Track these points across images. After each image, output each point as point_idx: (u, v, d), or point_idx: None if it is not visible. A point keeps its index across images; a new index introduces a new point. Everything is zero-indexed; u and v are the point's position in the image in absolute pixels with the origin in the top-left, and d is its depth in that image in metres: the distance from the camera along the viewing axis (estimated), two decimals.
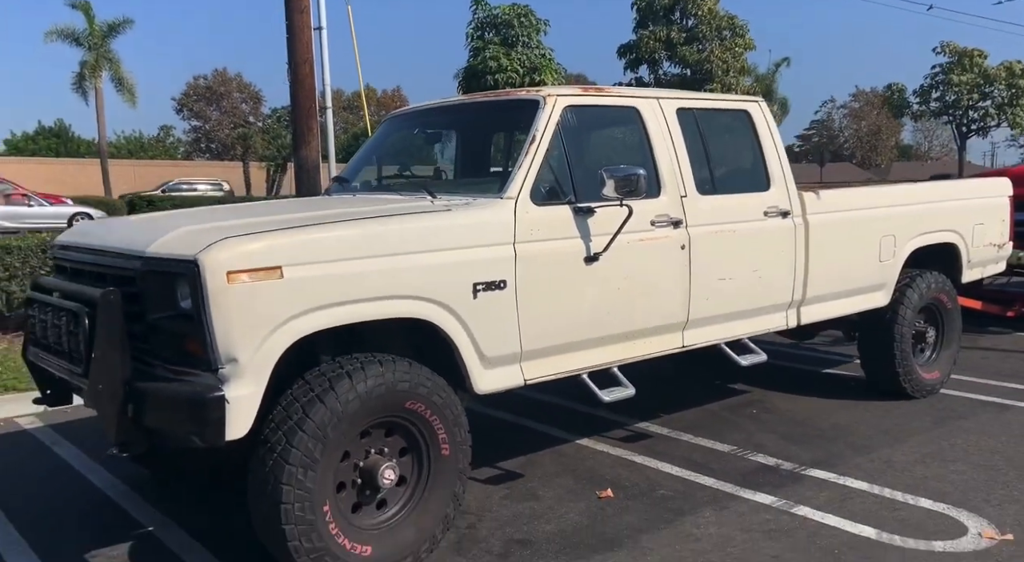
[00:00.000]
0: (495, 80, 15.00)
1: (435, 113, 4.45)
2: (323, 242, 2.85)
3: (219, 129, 50.28)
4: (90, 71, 36.84)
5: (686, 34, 20.55)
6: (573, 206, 3.54)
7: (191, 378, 2.72)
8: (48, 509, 3.79)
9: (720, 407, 5.27)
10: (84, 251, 3.25)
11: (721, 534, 3.37)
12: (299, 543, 2.75)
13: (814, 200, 4.59)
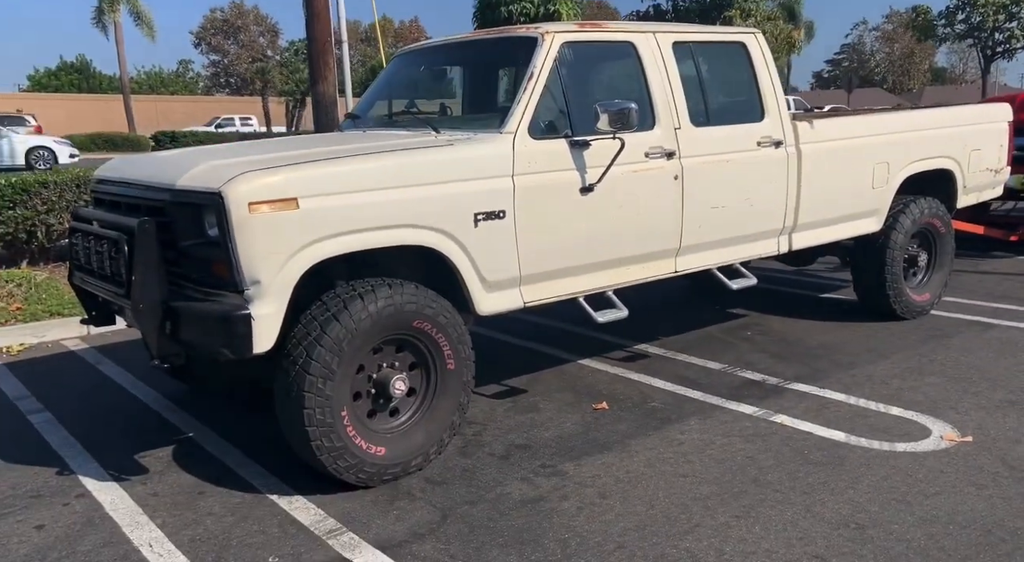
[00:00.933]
0: (509, 11, 14.81)
1: (440, 50, 4.62)
2: (334, 175, 3.12)
3: (237, 63, 49.96)
4: (108, 5, 36.68)
5: None
6: (569, 140, 3.76)
7: (220, 298, 3.06)
8: (97, 417, 4.22)
9: (718, 330, 5.57)
10: (120, 184, 3.56)
11: (703, 439, 3.71)
12: (320, 442, 3.13)
13: (807, 129, 4.74)
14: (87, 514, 3.18)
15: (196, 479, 3.48)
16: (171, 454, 3.76)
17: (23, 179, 6.55)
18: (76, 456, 3.73)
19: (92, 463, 3.65)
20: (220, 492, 3.35)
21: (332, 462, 3.17)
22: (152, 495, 3.34)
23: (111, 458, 3.69)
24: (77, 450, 3.80)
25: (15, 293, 6.23)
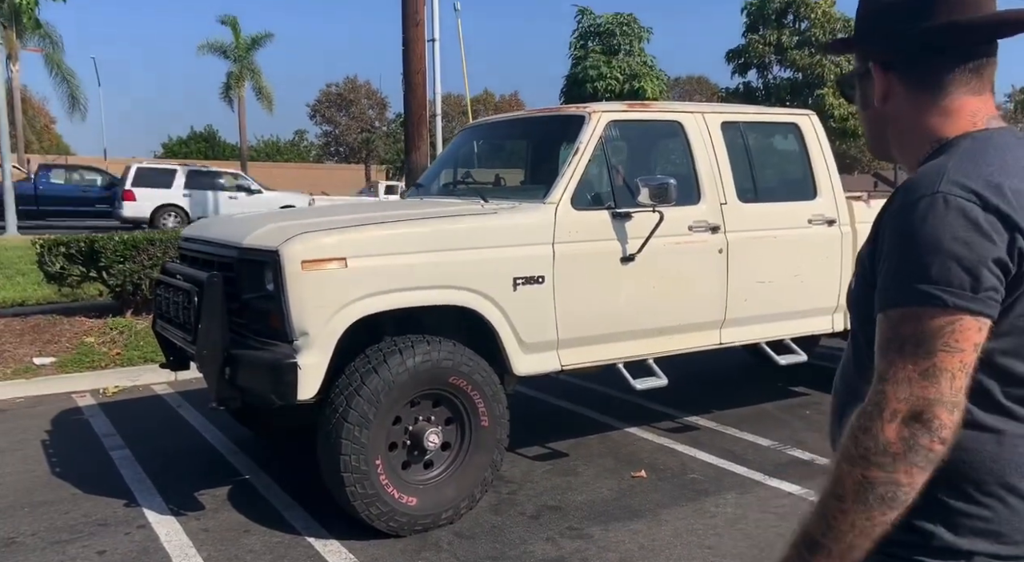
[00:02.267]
0: (595, 88, 15.36)
1: (502, 126, 4.94)
2: (382, 238, 3.40)
3: (348, 133, 53.22)
4: (235, 81, 40.17)
5: (798, 38, 20.04)
6: (612, 211, 3.93)
7: (273, 347, 3.35)
8: (168, 455, 4.57)
9: (775, 407, 5.45)
10: (199, 242, 3.98)
11: (736, 513, 3.66)
12: (355, 488, 3.31)
13: (863, 209, 4.72)
14: (144, 543, 3.45)
15: (244, 518, 3.72)
16: (227, 493, 4.02)
17: (133, 237, 7.26)
18: (144, 490, 4.05)
19: (156, 497, 3.96)
20: (263, 531, 3.56)
21: (365, 508, 3.34)
22: (203, 530, 3.59)
23: (173, 494, 3.99)
24: (146, 485, 4.13)
25: (117, 339, 6.84)
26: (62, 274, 7.37)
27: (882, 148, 1.23)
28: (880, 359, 1.03)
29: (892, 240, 1.04)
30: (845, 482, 1.02)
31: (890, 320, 1.03)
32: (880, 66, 1.16)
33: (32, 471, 4.31)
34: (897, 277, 1.03)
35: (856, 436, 1.02)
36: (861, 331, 1.15)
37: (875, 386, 1.03)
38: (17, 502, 3.88)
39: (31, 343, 6.67)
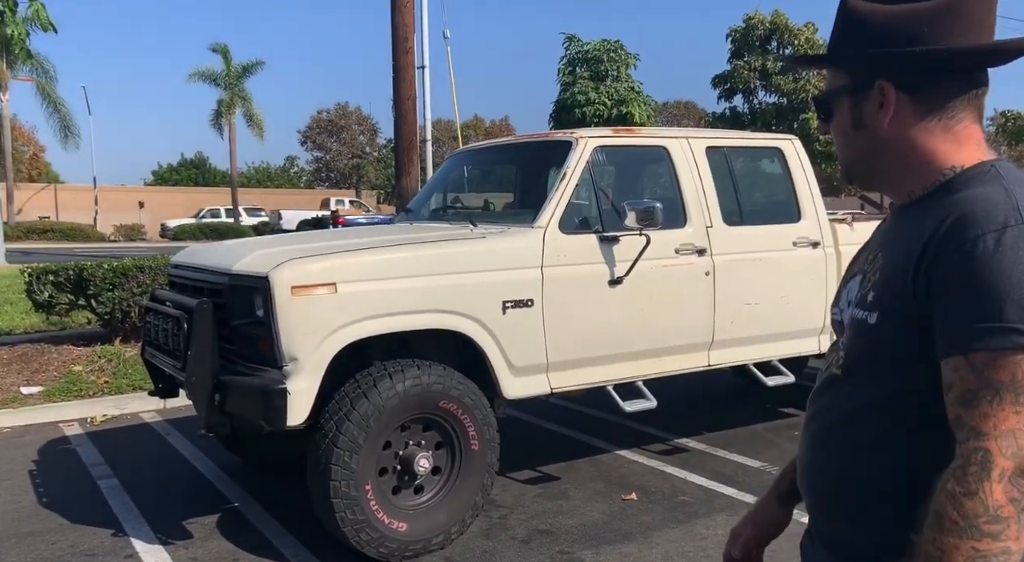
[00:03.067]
0: (583, 113, 15.55)
1: (490, 151, 5.01)
2: (371, 264, 3.43)
3: (338, 159, 53.40)
4: (225, 109, 40.38)
5: (782, 63, 20.40)
6: (599, 235, 3.98)
7: (262, 373, 3.35)
8: (157, 484, 4.54)
9: (764, 428, 5.47)
10: (188, 269, 3.99)
11: (727, 534, 3.65)
12: (344, 515, 3.30)
13: (847, 231, 4.79)
14: None
15: (234, 546, 3.69)
16: (215, 522, 3.99)
17: (123, 264, 7.25)
18: (132, 519, 4.01)
19: (144, 526, 3.92)
20: (253, 560, 3.54)
21: (355, 534, 3.32)
22: (192, 559, 3.56)
23: (162, 523, 3.95)
24: (134, 514, 4.09)
25: (105, 368, 6.80)
26: (50, 302, 7.34)
27: (866, 172, 1.15)
28: (968, 410, 0.95)
29: (971, 277, 0.95)
30: (952, 557, 0.92)
31: (975, 366, 0.94)
32: (893, 83, 1.07)
33: (19, 501, 4.27)
34: (983, 317, 0.94)
35: (960, 502, 0.92)
36: (883, 372, 1.05)
37: (971, 443, 0.94)
38: (3, 533, 3.84)
39: (18, 372, 6.62)
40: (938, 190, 1.06)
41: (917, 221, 1.04)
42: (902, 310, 1.01)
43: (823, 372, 1.18)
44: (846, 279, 1.20)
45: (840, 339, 1.15)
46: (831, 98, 1.15)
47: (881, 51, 1.08)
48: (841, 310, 1.16)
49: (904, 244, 1.04)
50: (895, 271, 1.04)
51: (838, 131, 1.15)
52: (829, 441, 1.13)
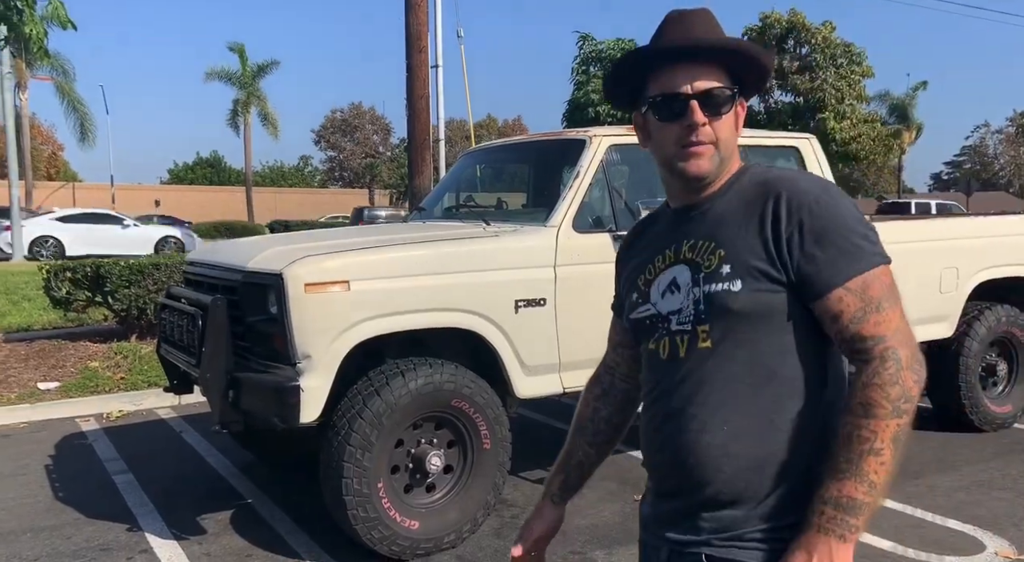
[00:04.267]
0: (597, 112, 15.48)
1: (502, 150, 4.99)
2: (384, 261, 3.43)
3: (352, 159, 53.60)
4: (241, 108, 40.63)
5: (799, 62, 20.23)
6: (613, 234, 3.95)
7: (276, 370, 3.36)
8: (171, 480, 4.56)
9: None
10: (204, 266, 4.01)
11: None
12: (356, 512, 3.29)
13: None
14: None
15: (247, 542, 3.70)
16: (229, 518, 4.00)
17: (139, 262, 7.31)
18: (146, 515, 4.04)
19: (159, 522, 3.94)
20: (266, 556, 3.55)
21: (367, 532, 3.32)
22: (205, 554, 3.57)
23: (176, 518, 3.97)
24: (149, 509, 4.11)
25: (121, 364, 6.86)
26: (68, 299, 7.42)
27: (720, 168, 1.30)
28: (864, 325, 1.19)
29: (825, 225, 1.20)
30: (882, 437, 1.15)
31: (867, 282, 1.20)
32: (743, 99, 1.33)
33: (35, 496, 4.31)
34: (859, 245, 1.21)
35: (887, 391, 1.15)
36: (739, 328, 1.24)
37: (880, 346, 1.18)
38: (20, 527, 3.87)
39: (36, 368, 6.69)
40: (736, 180, 1.31)
41: (736, 204, 1.28)
42: (766, 272, 1.22)
43: (655, 355, 1.33)
44: (646, 280, 1.37)
45: (663, 325, 1.32)
46: (733, 97, 1.30)
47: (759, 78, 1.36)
48: (654, 303, 1.34)
49: (739, 223, 1.25)
50: (747, 244, 1.23)
51: (728, 127, 1.29)
52: (717, 408, 1.24)
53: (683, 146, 1.27)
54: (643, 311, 1.36)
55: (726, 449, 1.23)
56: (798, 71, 20.14)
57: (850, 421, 1.17)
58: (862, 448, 1.15)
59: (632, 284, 1.41)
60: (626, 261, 1.48)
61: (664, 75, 1.28)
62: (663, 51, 1.29)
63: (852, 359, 1.22)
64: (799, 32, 20.63)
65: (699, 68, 1.27)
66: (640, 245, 1.44)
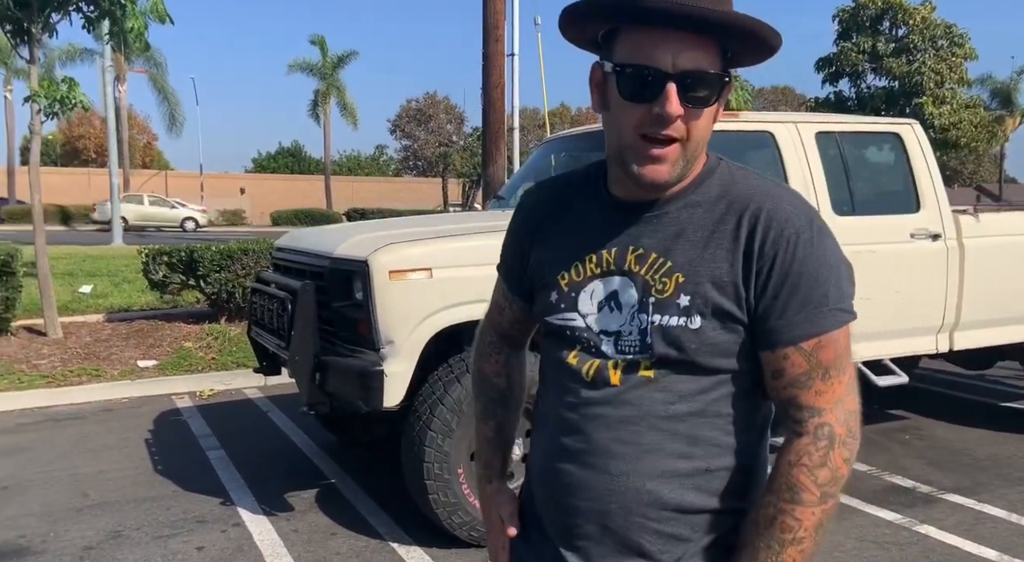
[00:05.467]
0: None
1: (583, 138, 4.92)
2: (466, 249, 3.44)
3: (426, 148, 54.25)
4: (321, 98, 41.71)
5: (895, 45, 19.18)
6: None
7: (361, 355, 3.42)
8: (260, 457, 4.73)
9: (871, 430, 5.20)
10: (291, 252, 4.12)
11: (833, 540, 3.49)
12: (437, 496, 3.33)
13: (972, 223, 4.46)
14: (239, 542, 3.58)
15: (331, 521, 3.80)
16: (314, 496, 4.13)
17: (229, 247, 7.62)
18: (238, 490, 4.20)
19: (249, 497, 4.10)
20: (349, 535, 3.63)
21: (447, 517, 3.36)
22: (293, 531, 3.69)
23: (265, 494, 4.12)
24: (240, 485, 4.28)
25: (212, 345, 7.17)
26: (164, 282, 7.79)
27: (691, 163, 1.07)
28: (803, 392, 1.04)
29: (810, 266, 1.02)
30: (806, 526, 1.03)
31: (822, 344, 1.03)
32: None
33: (136, 468, 4.55)
34: (826, 298, 1.02)
35: (815, 474, 1.02)
36: (690, 366, 1.06)
37: (815, 420, 1.03)
38: (123, 497, 4.10)
39: (136, 347, 7.06)
40: (702, 183, 1.08)
41: (701, 216, 1.06)
42: (729, 312, 1.04)
43: (574, 372, 1.11)
44: (572, 283, 1.12)
45: (591, 342, 1.09)
46: (722, 87, 1.04)
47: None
48: (584, 315, 1.10)
49: (702, 243, 1.05)
50: (711, 274, 1.04)
51: (706, 125, 1.04)
52: (649, 450, 1.07)
53: (644, 138, 1.01)
54: (565, 319, 1.13)
55: (658, 497, 1.07)
56: (893, 54, 19.13)
57: (773, 503, 1.04)
58: (784, 537, 1.03)
59: (546, 278, 1.16)
60: (533, 238, 1.20)
61: (642, 37, 1.00)
62: (653, 10, 0.98)
63: (783, 422, 1.08)
64: (895, 12, 19.57)
65: (688, 40, 0.99)
66: (559, 226, 1.17)
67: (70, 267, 12.02)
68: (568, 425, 1.11)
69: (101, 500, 4.06)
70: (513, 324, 1.33)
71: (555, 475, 1.13)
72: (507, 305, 1.32)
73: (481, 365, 1.38)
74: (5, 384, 6.11)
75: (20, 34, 6.94)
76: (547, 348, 1.19)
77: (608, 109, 1.06)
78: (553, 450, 1.13)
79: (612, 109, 1.05)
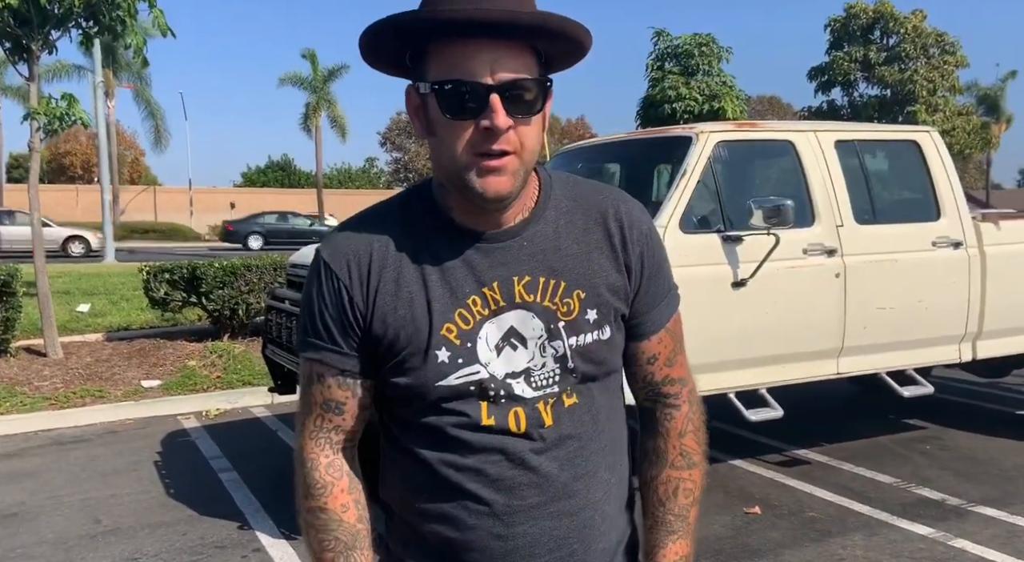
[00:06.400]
0: (673, 109, 15.19)
1: (600, 149, 4.89)
2: None
3: (416, 160, 54.28)
4: (312, 112, 41.64)
5: (886, 53, 19.34)
6: (722, 234, 3.80)
7: None
8: (274, 478, 4.62)
9: (890, 440, 5.15)
10: None
11: (867, 557, 3.43)
12: None
13: (993, 231, 4.44)
14: None
15: None
16: None
17: (232, 263, 7.50)
18: (255, 513, 4.10)
19: (267, 521, 3.99)
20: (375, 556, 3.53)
21: None
22: None
23: (283, 517, 4.01)
24: (256, 507, 4.18)
25: (216, 363, 7.05)
26: (165, 299, 7.67)
27: (524, 180, 1.01)
28: (673, 368, 1.13)
29: (662, 252, 1.11)
30: (700, 485, 1.15)
31: (677, 319, 1.13)
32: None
33: (148, 492, 4.43)
34: (671, 283, 1.13)
35: (699, 439, 1.15)
36: (612, 374, 1.09)
37: (686, 390, 1.15)
38: (137, 523, 3.98)
39: (138, 366, 6.94)
40: (548, 197, 1.06)
41: (566, 228, 1.04)
42: (621, 312, 1.07)
43: (489, 429, 1.00)
44: (462, 332, 1.00)
45: (500, 391, 1.00)
46: (545, 92, 0.99)
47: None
48: (485, 364, 1.00)
49: (584, 255, 1.04)
50: (604, 281, 1.04)
51: (536, 133, 0.99)
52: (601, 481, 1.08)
53: (479, 155, 0.95)
54: (466, 376, 1.00)
55: (604, 515, 1.07)
56: (885, 62, 19.29)
57: (671, 475, 1.11)
58: (687, 502, 1.11)
59: (418, 338, 1.00)
60: (372, 296, 1.02)
61: (455, 52, 0.94)
62: (456, 23, 0.92)
63: (655, 402, 1.13)
64: (887, 22, 19.76)
65: (502, 49, 0.94)
66: (412, 273, 1.02)
67: (66, 285, 11.85)
68: (505, 489, 1.01)
69: (115, 526, 3.94)
70: (359, 415, 1.08)
71: (497, 543, 1.02)
72: (350, 395, 1.06)
73: (323, 503, 1.11)
74: (8, 407, 5.97)
75: (19, 51, 6.84)
76: (426, 424, 1.02)
77: (433, 133, 0.99)
78: (482, 526, 1.02)
79: (438, 132, 0.98)
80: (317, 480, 1.10)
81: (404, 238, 1.03)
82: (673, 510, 1.11)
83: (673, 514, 1.11)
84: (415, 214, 1.05)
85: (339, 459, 1.10)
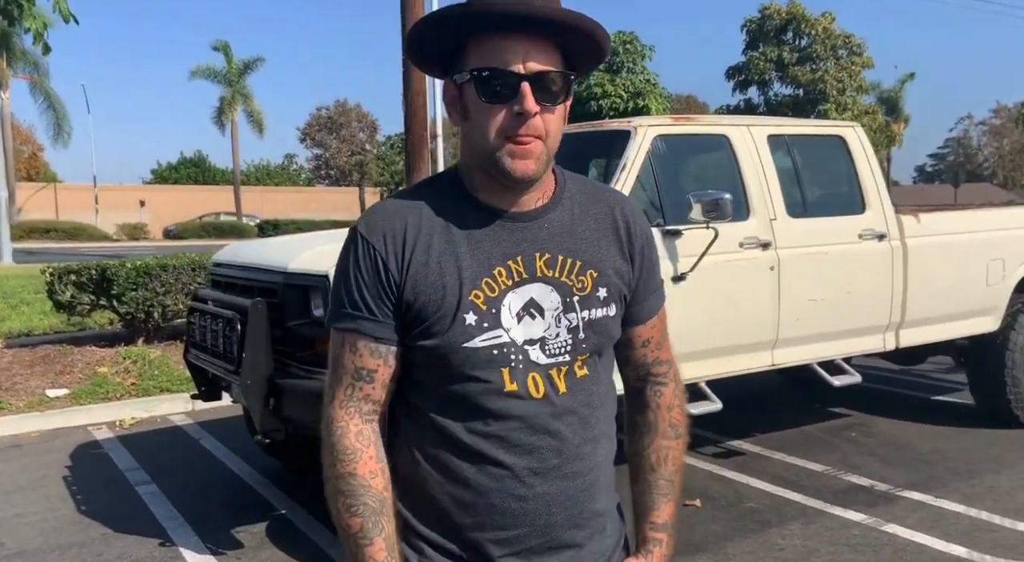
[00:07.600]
0: (599, 106, 15.33)
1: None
2: None
3: (338, 156, 53.07)
4: (227, 106, 40.17)
5: (799, 54, 20.14)
6: (662, 229, 3.79)
7: (320, 376, 3.16)
8: (197, 490, 4.36)
9: (817, 429, 5.30)
10: (235, 268, 3.81)
11: (806, 546, 3.48)
12: None
13: (913, 223, 4.61)
14: None
15: (287, 556, 3.52)
16: (264, 530, 3.82)
17: (146, 263, 7.06)
18: (178, 528, 3.84)
19: (192, 536, 3.75)
20: None
21: None
22: None
23: (209, 531, 3.78)
24: (179, 522, 3.92)
25: (131, 369, 6.62)
26: (72, 303, 7.16)
27: (546, 167, 1.12)
28: (665, 344, 1.28)
29: (654, 244, 1.26)
30: (683, 453, 1.29)
31: (664, 308, 1.29)
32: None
33: (57, 510, 4.10)
34: (660, 277, 1.28)
35: (684, 412, 1.29)
36: (606, 351, 1.21)
37: (672, 368, 1.29)
38: (46, 544, 3.67)
39: (43, 374, 6.45)
40: (564, 187, 1.19)
41: (580, 216, 1.17)
42: (625, 296, 1.20)
43: (508, 394, 1.10)
44: (488, 299, 1.10)
45: (517, 356, 1.10)
46: (569, 85, 1.11)
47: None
48: (507, 329, 1.10)
49: (596, 240, 1.17)
50: (613, 266, 1.17)
51: (559, 121, 1.10)
52: (602, 449, 1.20)
53: (509, 138, 1.06)
54: (490, 338, 1.09)
55: (607, 479, 1.23)
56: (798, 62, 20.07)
57: (662, 445, 1.26)
58: (674, 468, 1.26)
59: (446, 303, 1.09)
60: (407, 266, 1.10)
61: (492, 44, 1.06)
62: (495, 16, 1.04)
63: (645, 381, 1.27)
64: (799, 23, 20.55)
65: (533, 44, 1.07)
66: (445, 244, 1.11)
67: None
68: (525, 453, 1.11)
69: (20, 549, 3.62)
70: (388, 386, 1.15)
71: (518, 504, 1.11)
72: (381, 363, 1.13)
73: (353, 468, 1.12)
74: None
75: None
76: (452, 391, 1.11)
77: (468, 118, 1.11)
78: (503, 488, 1.11)
79: (472, 116, 1.10)
80: (348, 446, 1.14)
81: (435, 214, 1.13)
82: (664, 475, 1.25)
83: (664, 479, 1.25)
84: (444, 195, 1.15)
85: (368, 428, 1.15)
